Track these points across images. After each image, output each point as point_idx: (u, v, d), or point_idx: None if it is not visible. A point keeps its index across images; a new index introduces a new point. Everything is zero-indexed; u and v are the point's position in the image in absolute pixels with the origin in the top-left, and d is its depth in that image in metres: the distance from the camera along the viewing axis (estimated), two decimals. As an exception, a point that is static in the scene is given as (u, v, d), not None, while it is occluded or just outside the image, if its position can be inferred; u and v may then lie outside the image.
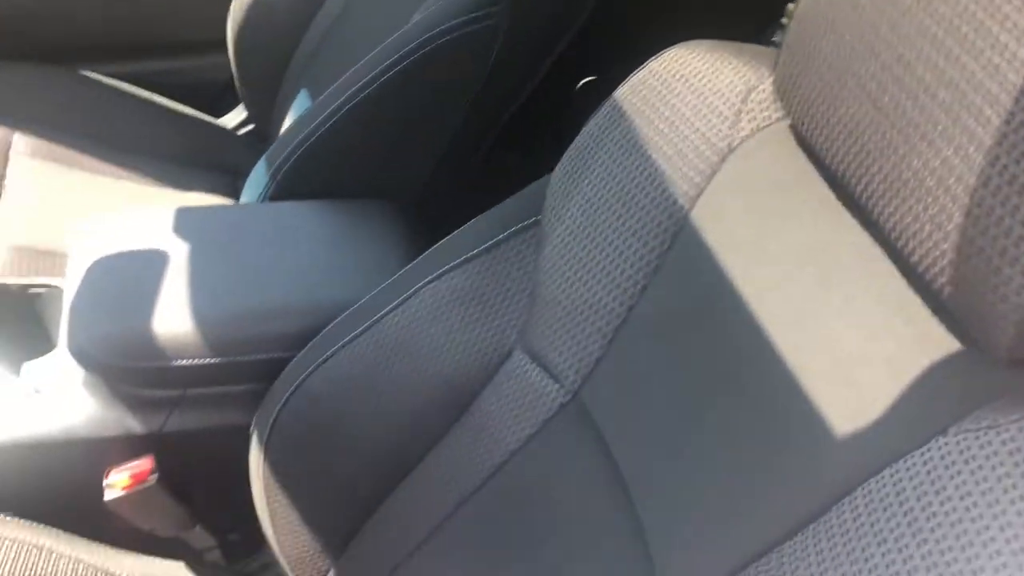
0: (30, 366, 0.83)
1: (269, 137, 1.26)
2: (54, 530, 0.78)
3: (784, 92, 0.52)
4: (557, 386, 0.62)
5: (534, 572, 0.61)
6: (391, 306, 0.70)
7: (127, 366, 0.75)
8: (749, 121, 0.54)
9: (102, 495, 0.76)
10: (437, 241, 0.72)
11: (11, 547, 0.76)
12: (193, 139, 1.32)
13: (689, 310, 0.55)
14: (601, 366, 0.60)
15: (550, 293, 0.63)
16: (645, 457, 0.55)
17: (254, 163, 0.97)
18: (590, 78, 1.26)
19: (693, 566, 0.49)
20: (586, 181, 0.61)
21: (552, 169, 0.66)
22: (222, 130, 1.40)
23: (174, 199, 1.17)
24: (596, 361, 0.60)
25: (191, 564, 0.84)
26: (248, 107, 1.37)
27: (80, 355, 0.75)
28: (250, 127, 1.40)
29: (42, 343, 0.88)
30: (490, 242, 0.67)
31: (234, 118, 1.42)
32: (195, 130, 1.35)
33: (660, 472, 0.54)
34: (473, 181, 1.13)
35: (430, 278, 0.69)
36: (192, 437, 0.80)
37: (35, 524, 0.78)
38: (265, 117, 1.29)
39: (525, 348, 0.65)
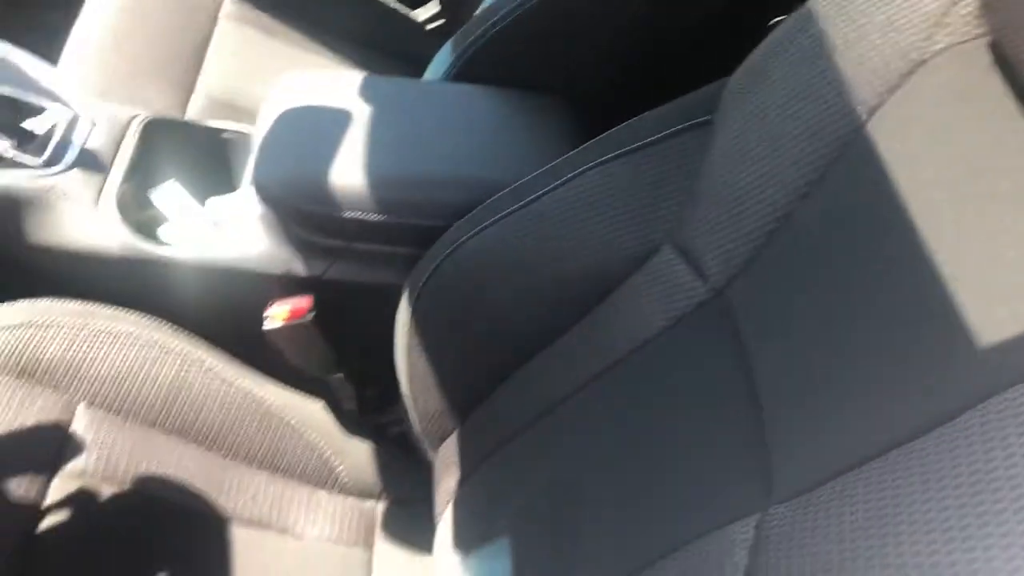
0: (214, 200, 0.90)
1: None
2: (215, 349, 0.85)
3: (990, 6, 0.50)
4: (701, 283, 0.63)
5: (648, 458, 0.62)
6: (548, 187, 0.71)
7: (301, 208, 0.80)
8: (947, 35, 0.53)
9: (261, 325, 0.82)
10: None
11: (176, 359, 0.83)
12: (386, 27, 1.37)
13: (849, 219, 0.54)
14: (751, 267, 0.60)
15: (710, 191, 0.63)
16: (781, 358, 0.55)
17: (438, 57, 1.00)
18: (782, 16, 1.22)
19: (807, 462, 0.50)
20: (765, 83, 0.61)
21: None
22: (413, 22, 1.45)
23: (359, 79, 1.22)
24: (747, 262, 0.60)
25: (328, 407, 0.90)
26: (441, 2, 1.40)
27: (261, 190, 0.81)
28: (440, 22, 1.44)
29: (226, 184, 0.95)
30: (657, 135, 0.68)
31: (426, 11, 1.46)
32: (389, 19, 1.40)
33: (794, 372, 0.54)
34: (649, 102, 1.12)
35: (590, 164, 0.70)
36: (349, 288, 0.85)
37: (199, 340, 0.85)
38: (455, 13, 1.32)
39: (675, 243, 0.65)
